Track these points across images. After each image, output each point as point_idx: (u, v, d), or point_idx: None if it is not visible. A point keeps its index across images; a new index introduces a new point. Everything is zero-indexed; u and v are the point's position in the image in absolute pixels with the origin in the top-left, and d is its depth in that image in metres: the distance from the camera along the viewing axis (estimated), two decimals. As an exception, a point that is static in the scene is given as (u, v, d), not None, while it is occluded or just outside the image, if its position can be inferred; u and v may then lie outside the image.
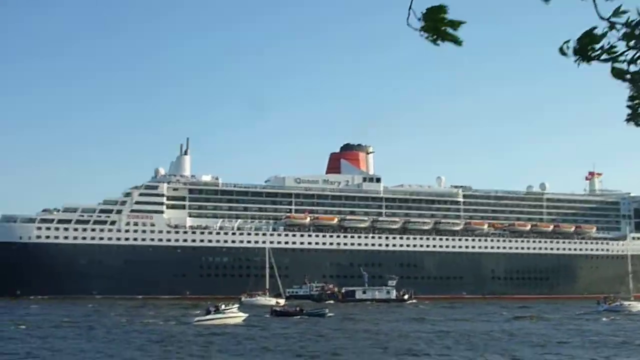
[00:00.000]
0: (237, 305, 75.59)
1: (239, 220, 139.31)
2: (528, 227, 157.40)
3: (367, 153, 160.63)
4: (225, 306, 70.47)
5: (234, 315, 69.97)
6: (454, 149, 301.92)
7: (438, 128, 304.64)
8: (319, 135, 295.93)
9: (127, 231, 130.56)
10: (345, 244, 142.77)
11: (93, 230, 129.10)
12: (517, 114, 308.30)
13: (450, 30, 4.40)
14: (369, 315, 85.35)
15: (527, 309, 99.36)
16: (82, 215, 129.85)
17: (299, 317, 77.82)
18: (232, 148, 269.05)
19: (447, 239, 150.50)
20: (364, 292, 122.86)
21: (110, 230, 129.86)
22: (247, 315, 71.30)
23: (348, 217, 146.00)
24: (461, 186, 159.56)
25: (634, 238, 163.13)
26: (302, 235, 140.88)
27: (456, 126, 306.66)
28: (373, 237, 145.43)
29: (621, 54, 4.21)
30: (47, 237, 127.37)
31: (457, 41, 4.55)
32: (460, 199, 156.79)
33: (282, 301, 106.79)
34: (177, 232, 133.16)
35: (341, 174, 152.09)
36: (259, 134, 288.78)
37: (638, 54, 4.22)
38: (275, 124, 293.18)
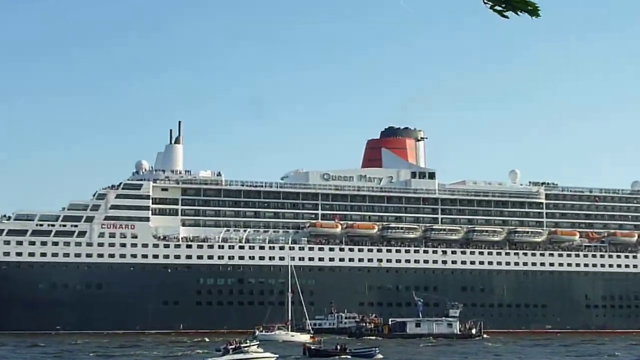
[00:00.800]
0: (257, 343, 76.03)
1: (249, 229, 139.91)
2: (634, 238, 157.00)
3: (417, 140, 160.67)
4: (243, 343, 70.80)
5: (260, 355, 70.25)
6: (531, 132, 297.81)
7: (506, 99, 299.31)
8: (352, 117, 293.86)
9: (100, 245, 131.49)
10: (389, 261, 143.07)
11: (55, 244, 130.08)
12: (611, 69, 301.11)
13: None
14: (428, 355, 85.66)
15: (637, 347, 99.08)
16: (41, 225, 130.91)
17: (339, 357, 78.60)
18: (237, 137, 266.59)
19: (524, 254, 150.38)
20: (418, 325, 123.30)
21: (78, 243, 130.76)
22: (277, 356, 71.61)
23: (392, 224, 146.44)
24: (543, 183, 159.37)
25: None
26: (331, 249, 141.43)
27: (530, 95, 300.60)
28: (426, 252, 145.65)
29: None
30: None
31: (533, 11, 4.40)
32: (543, 200, 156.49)
33: (311, 337, 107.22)
34: (166, 246, 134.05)
35: (383, 168, 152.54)
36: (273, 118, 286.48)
37: None
38: (295, 104, 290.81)
